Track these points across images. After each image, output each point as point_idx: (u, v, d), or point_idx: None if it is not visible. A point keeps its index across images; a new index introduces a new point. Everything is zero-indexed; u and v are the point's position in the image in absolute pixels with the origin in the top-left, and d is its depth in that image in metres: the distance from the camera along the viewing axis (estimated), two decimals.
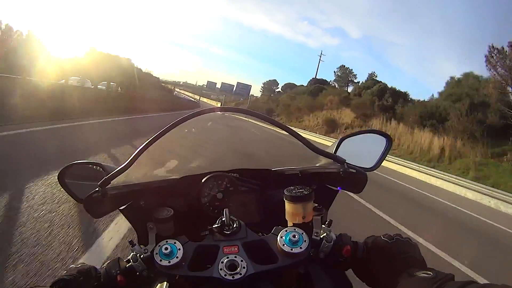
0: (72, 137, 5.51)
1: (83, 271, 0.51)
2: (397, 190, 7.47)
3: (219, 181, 0.75)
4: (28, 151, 3.92)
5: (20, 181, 2.65)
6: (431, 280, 0.42)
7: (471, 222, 5.59)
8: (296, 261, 0.50)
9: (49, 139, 4.82)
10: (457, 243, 4.04)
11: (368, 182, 0.62)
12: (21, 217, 2.07)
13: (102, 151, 4.49)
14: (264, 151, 9.13)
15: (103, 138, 6.02)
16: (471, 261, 3.06)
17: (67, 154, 3.88)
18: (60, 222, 2.13)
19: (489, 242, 4.58)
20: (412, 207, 5.86)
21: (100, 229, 2.15)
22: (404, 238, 0.53)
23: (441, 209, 6.22)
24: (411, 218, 4.90)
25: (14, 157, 3.49)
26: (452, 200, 7.30)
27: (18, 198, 2.36)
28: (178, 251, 0.50)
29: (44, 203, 2.35)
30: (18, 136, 4.43)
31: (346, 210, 3.82)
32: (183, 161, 4.75)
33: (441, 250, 3.21)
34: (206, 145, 7.63)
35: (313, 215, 0.57)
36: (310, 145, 0.65)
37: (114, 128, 7.93)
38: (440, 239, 3.65)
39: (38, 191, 2.54)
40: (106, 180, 0.56)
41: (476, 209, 6.84)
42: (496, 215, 6.71)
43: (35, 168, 3.05)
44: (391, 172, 9.99)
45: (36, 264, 1.61)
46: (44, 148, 4.27)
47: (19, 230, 1.90)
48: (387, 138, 0.75)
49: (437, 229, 4.49)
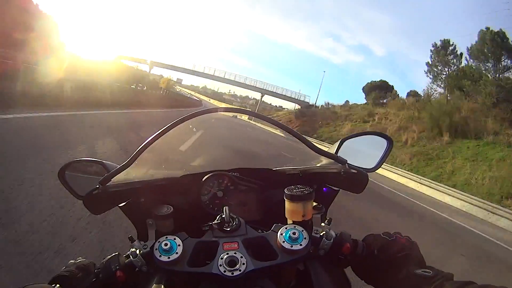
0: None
1: (82, 267, 0.51)
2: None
3: (220, 180, 0.75)
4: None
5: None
6: (430, 278, 0.42)
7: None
8: (295, 258, 0.50)
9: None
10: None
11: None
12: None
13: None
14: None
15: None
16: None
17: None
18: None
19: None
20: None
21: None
22: (403, 236, 0.53)
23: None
24: None
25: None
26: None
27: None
28: (177, 247, 0.50)
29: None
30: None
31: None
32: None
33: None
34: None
35: (313, 214, 0.57)
36: (311, 146, 0.65)
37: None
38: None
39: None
40: (106, 177, 0.57)
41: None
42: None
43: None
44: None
45: None
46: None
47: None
48: (388, 140, 0.75)
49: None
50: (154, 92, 22.45)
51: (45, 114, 5.20)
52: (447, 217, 6.73)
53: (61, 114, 5.80)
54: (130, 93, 14.06)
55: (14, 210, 1.91)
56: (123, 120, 8.12)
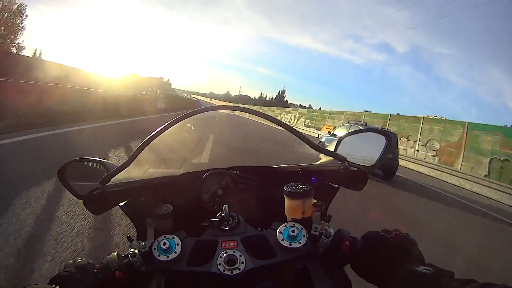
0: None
1: (81, 267, 0.50)
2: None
3: (219, 178, 0.75)
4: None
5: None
6: (431, 276, 0.42)
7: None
8: (294, 256, 0.50)
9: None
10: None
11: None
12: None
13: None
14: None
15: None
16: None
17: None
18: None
19: None
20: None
21: None
22: (403, 233, 0.53)
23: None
24: None
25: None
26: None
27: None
28: (176, 246, 0.50)
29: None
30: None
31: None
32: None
33: None
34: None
35: (312, 211, 0.57)
36: (310, 143, 0.65)
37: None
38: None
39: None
40: (106, 177, 0.56)
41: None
42: None
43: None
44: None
45: None
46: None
47: None
48: (386, 136, 0.75)
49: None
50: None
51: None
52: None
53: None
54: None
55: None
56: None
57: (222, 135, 9.60)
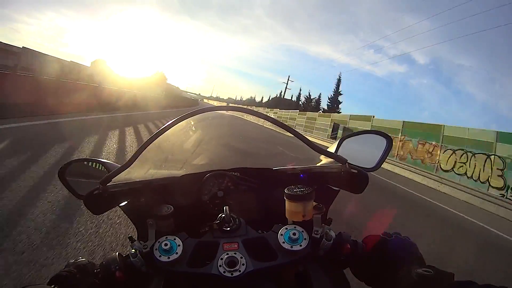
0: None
1: (81, 267, 0.50)
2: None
3: (220, 180, 0.75)
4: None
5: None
6: (431, 278, 0.42)
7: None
8: (295, 258, 0.50)
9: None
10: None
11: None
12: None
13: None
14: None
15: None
16: None
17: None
18: None
19: None
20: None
21: None
22: (403, 236, 0.53)
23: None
24: None
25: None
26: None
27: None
28: (177, 247, 0.50)
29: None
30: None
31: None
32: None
33: None
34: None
35: (313, 214, 0.57)
36: (311, 145, 0.64)
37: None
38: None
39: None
40: (107, 178, 0.56)
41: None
42: None
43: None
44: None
45: None
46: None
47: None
48: (387, 138, 0.75)
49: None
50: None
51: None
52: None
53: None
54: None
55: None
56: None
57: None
